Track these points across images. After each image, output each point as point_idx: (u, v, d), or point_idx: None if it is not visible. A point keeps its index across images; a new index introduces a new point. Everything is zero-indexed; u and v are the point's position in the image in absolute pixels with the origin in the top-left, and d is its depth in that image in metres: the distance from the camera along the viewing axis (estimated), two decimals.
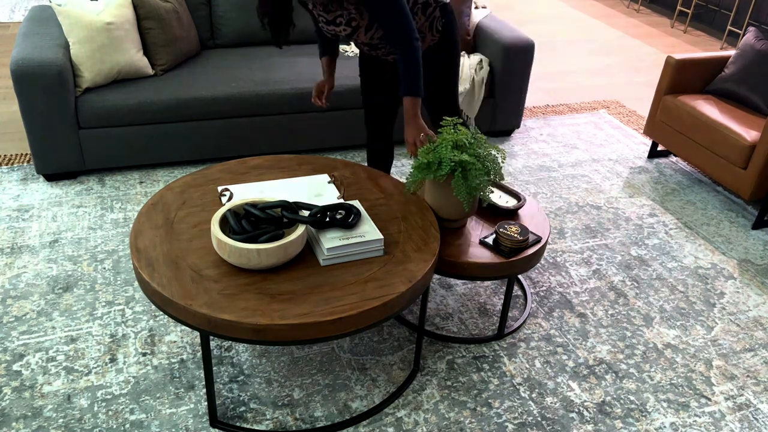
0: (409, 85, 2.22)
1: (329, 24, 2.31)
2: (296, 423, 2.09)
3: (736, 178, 3.27)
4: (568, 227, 3.18)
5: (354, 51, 3.83)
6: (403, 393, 2.22)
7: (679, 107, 3.56)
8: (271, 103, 3.36)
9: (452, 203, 2.21)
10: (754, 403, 2.29)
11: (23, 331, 2.36)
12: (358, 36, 2.34)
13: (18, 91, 2.97)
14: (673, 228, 3.23)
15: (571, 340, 2.50)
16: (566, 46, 5.80)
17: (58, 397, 2.11)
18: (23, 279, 2.60)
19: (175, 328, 2.42)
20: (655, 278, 2.87)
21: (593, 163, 3.79)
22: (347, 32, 2.31)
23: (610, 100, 4.66)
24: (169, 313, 1.81)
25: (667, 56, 3.89)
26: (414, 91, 2.23)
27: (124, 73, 3.26)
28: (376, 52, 2.47)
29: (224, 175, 2.34)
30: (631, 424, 2.17)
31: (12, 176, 3.27)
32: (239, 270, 1.88)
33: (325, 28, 2.35)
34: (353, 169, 2.44)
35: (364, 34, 2.32)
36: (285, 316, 1.73)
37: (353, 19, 2.25)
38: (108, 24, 3.13)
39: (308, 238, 2.03)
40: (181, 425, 2.05)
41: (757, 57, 3.49)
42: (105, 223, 2.97)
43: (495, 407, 2.19)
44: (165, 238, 1.97)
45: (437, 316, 2.57)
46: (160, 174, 3.37)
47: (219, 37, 3.77)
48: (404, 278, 1.90)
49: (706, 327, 2.61)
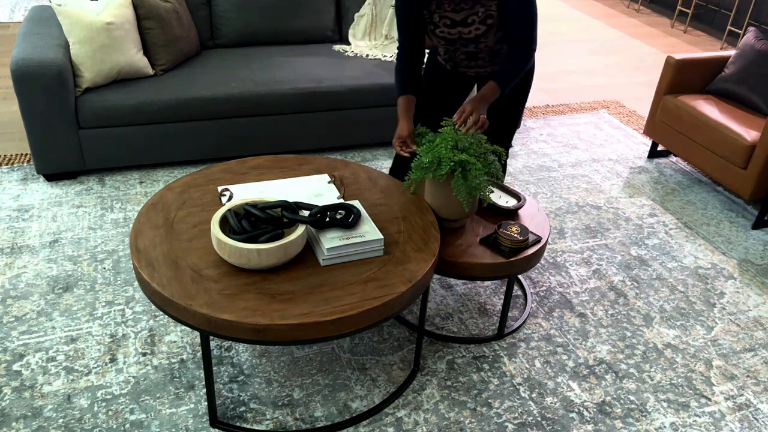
0: (503, 78, 2.25)
1: (455, 26, 2.23)
2: (296, 423, 2.09)
3: (736, 178, 3.27)
4: (568, 227, 3.18)
5: (354, 51, 3.83)
6: (403, 393, 2.22)
7: (679, 107, 3.56)
8: (271, 103, 3.36)
9: (452, 203, 2.21)
10: (754, 403, 2.29)
11: (23, 331, 2.36)
12: (487, 39, 2.26)
13: (18, 91, 2.97)
14: (673, 228, 3.23)
15: (571, 340, 2.50)
16: (566, 46, 5.80)
17: (58, 397, 2.11)
18: (23, 279, 2.60)
19: (175, 328, 2.42)
20: (655, 278, 2.87)
21: (593, 163, 3.79)
22: (480, 32, 2.23)
23: (610, 100, 4.66)
24: (169, 313, 1.81)
25: (667, 56, 3.89)
26: (503, 86, 2.25)
27: (124, 73, 3.25)
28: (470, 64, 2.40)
29: (224, 175, 2.34)
30: (631, 424, 2.17)
31: (12, 176, 3.27)
32: (239, 270, 1.88)
33: (447, 32, 2.26)
34: (353, 169, 2.44)
35: (493, 35, 2.26)
36: (285, 316, 1.73)
37: (490, 16, 2.18)
38: (108, 24, 3.13)
39: (308, 238, 2.03)
40: (181, 425, 2.05)
41: (757, 57, 3.49)
42: (105, 223, 2.97)
43: (495, 407, 2.19)
44: (165, 238, 1.97)
45: (437, 316, 2.57)
46: (160, 174, 3.37)
47: (219, 37, 3.77)
48: (404, 278, 1.90)
49: (706, 327, 2.61)
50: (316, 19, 3.87)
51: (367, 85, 3.50)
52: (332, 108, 3.50)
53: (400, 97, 2.36)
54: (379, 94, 3.54)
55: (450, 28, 2.25)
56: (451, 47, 2.34)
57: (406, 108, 2.34)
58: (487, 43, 2.30)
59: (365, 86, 3.50)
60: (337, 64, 3.65)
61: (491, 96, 2.24)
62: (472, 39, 2.27)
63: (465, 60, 2.39)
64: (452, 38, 2.29)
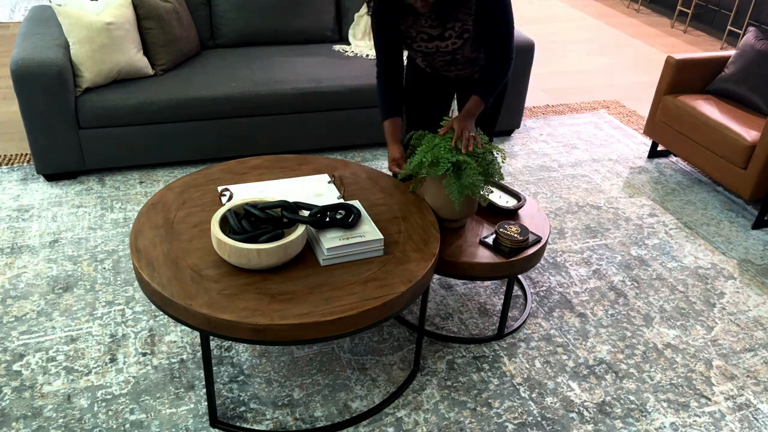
0: (486, 91, 2.28)
1: (433, 40, 2.24)
2: (296, 423, 2.09)
3: (736, 178, 3.27)
4: (568, 227, 3.18)
5: (354, 51, 3.83)
6: (403, 393, 2.22)
7: (679, 107, 3.56)
8: (271, 103, 3.36)
9: (452, 203, 2.21)
10: (754, 403, 2.29)
11: (23, 331, 2.36)
12: (464, 50, 2.28)
13: (18, 91, 2.97)
14: (673, 228, 3.23)
15: (571, 340, 2.50)
16: (566, 46, 5.80)
17: (58, 397, 2.11)
18: (23, 279, 2.60)
19: (175, 328, 2.42)
20: (655, 278, 2.87)
21: (593, 163, 3.79)
22: (456, 46, 2.25)
23: (610, 100, 4.66)
24: (169, 313, 1.81)
25: (667, 56, 3.89)
26: (485, 99, 2.28)
27: (124, 73, 3.26)
28: (450, 69, 2.41)
29: (224, 175, 2.34)
30: (631, 424, 2.17)
31: (12, 176, 3.27)
32: (239, 270, 1.88)
33: (424, 46, 2.27)
34: (353, 169, 2.44)
35: (470, 47, 2.27)
36: (285, 316, 1.73)
37: (467, 30, 2.21)
38: (108, 24, 3.13)
39: (308, 238, 2.03)
40: (181, 425, 2.05)
41: (757, 57, 3.49)
42: (105, 223, 2.97)
43: (495, 407, 2.19)
44: (165, 238, 1.97)
45: (437, 316, 2.57)
46: (160, 174, 3.37)
47: (219, 37, 3.77)
48: (404, 278, 1.90)
49: (706, 327, 2.61)
50: (316, 19, 3.87)
51: (367, 85, 3.50)
52: (332, 108, 3.50)
53: (386, 121, 2.38)
54: None
55: (427, 42, 2.26)
56: (429, 58, 2.36)
57: (393, 132, 2.37)
58: (464, 53, 2.31)
59: (365, 86, 3.50)
60: (337, 64, 3.65)
61: (476, 110, 2.27)
62: (449, 51, 2.29)
63: (444, 65, 2.41)
64: (430, 51, 2.30)
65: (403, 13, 2.22)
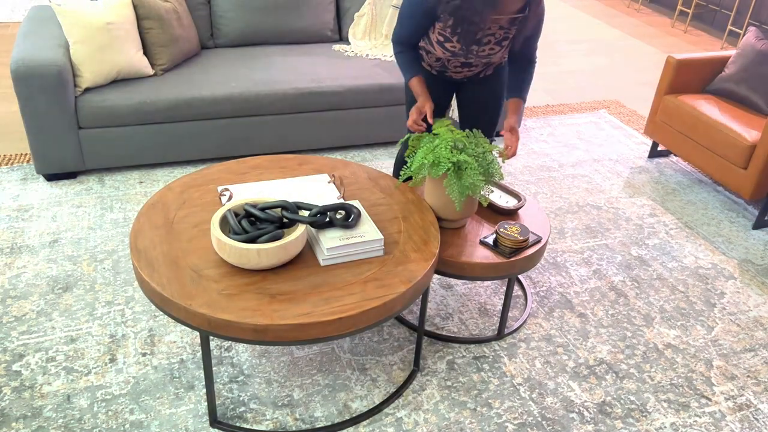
0: (524, 92, 2.42)
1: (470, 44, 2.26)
2: (296, 423, 2.09)
3: (737, 178, 3.27)
4: (569, 227, 3.18)
5: (354, 51, 3.82)
6: (403, 393, 2.22)
7: (679, 107, 3.55)
8: (271, 103, 3.36)
9: (452, 203, 2.21)
10: (755, 404, 2.29)
11: (23, 331, 2.35)
12: (495, 54, 2.33)
13: (18, 91, 2.97)
14: (673, 228, 3.23)
15: (571, 340, 2.50)
16: (566, 46, 5.80)
17: (57, 397, 2.11)
18: (23, 279, 2.60)
19: (175, 328, 2.42)
20: (655, 278, 2.86)
21: (593, 163, 3.78)
22: (493, 51, 2.31)
23: (610, 100, 4.66)
24: (168, 313, 1.81)
25: (667, 56, 3.88)
26: (525, 98, 2.43)
27: (124, 73, 3.25)
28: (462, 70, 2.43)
29: (224, 175, 2.34)
30: (631, 425, 2.17)
31: (12, 176, 3.27)
32: (239, 270, 1.88)
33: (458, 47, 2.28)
34: (353, 169, 2.44)
35: (502, 53, 2.35)
36: (285, 316, 1.73)
37: (506, 38, 2.27)
38: (108, 24, 3.13)
39: (308, 238, 2.03)
40: (181, 425, 2.05)
41: (757, 57, 3.48)
42: (105, 223, 2.97)
43: (495, 407, 2.19)
44: (165, 238, 1.97)
45: (437, 316, 2.57)
46: (160, 174, 3.36)
47: (219, 37, 3.77)
48: (404, 278, 1.90)
49: (706, 327, 2.61)
50: (316, 19, 3.87)
51: (367, 85, 3.50)
52: (332, 108, 3.50)
53: (413, 78, 2.38)
54: (379, 94, 3.53)
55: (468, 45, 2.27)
56: (451, 58, 2.36)
57: (423, 86, 2.38)
58: (497, 60, 2.37)
59: (365, 86, 3.50)
60: (337, 64, 3.65)
61: (520, 112, 2.41)
62: (484, 55, 2.32)
63: (459, 67, 2.42)
64: (458, 53, 2.31)
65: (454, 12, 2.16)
